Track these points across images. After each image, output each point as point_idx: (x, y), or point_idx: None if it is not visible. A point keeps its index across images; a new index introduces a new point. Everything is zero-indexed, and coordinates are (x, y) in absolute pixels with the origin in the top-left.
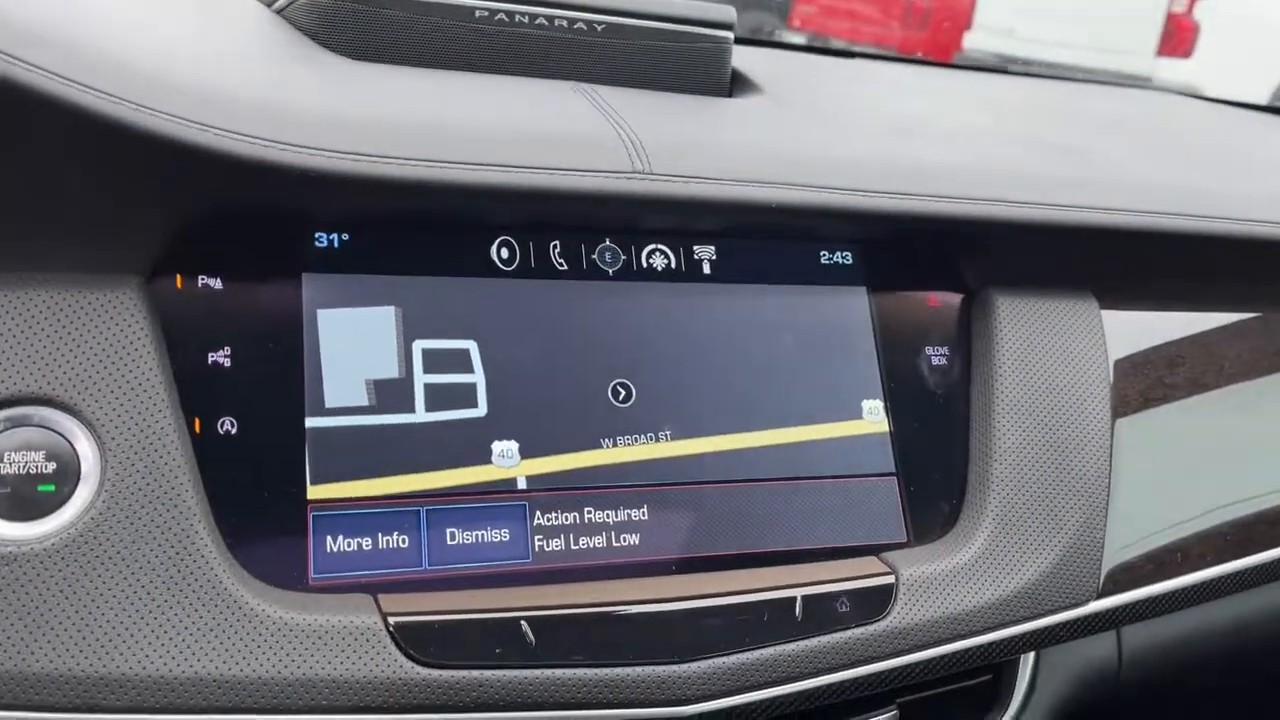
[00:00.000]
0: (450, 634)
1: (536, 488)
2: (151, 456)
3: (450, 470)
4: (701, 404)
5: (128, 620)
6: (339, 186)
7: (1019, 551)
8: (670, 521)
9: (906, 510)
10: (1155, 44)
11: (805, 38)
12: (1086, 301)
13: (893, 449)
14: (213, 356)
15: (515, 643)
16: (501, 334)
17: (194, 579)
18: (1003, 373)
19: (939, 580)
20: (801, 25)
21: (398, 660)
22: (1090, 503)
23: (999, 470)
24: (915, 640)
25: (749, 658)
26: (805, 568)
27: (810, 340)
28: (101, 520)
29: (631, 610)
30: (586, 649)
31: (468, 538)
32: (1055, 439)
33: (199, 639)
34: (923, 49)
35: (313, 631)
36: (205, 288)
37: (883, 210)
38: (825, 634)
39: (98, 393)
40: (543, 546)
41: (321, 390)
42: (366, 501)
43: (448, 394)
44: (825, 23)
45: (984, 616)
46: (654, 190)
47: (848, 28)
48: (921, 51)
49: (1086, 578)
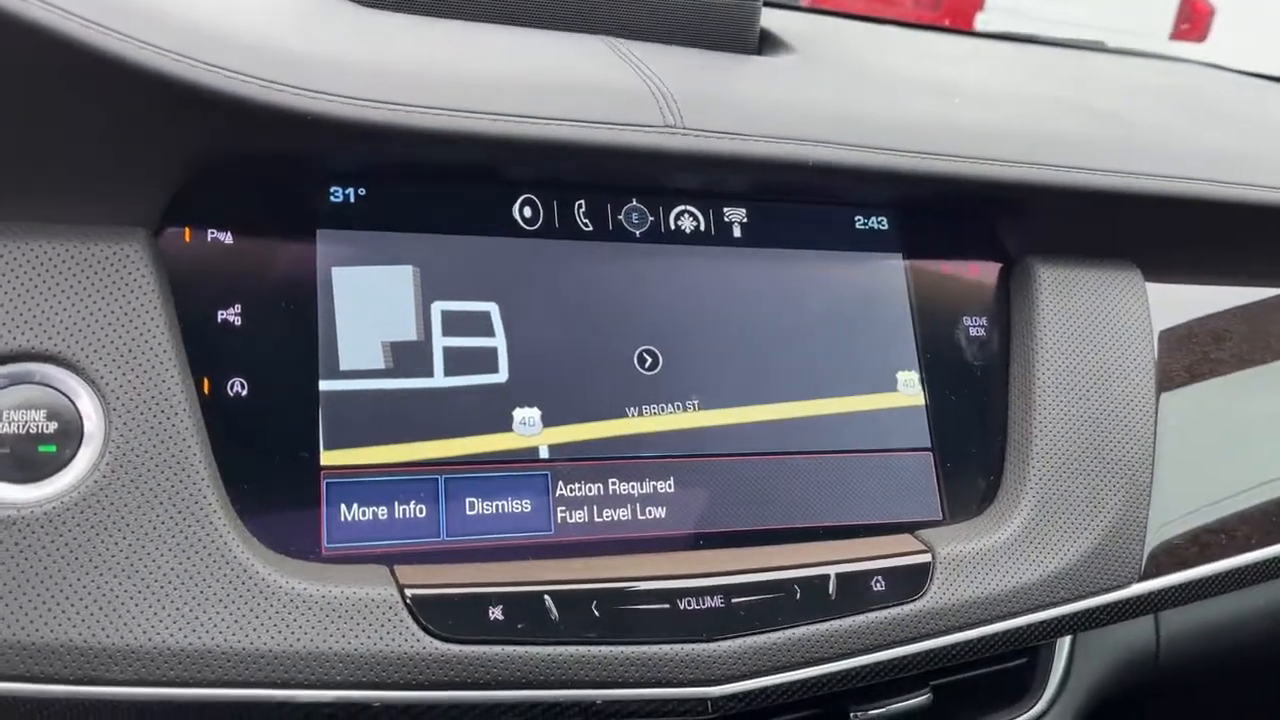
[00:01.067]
0: (470, 607)
1: (559, 457)
2: (158, 417)
3: (469, 438)
4: (731, 373)
5: (132, 589)
6: (357, 135)
7: (1059, 531)
8: (697, 495)
9: (943, 486)
10: (1170, 27)
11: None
12: (1130, 272)
13: (928, 423)
14: (222, 314)
15: (538, 617)
16: (524, 297)
17: (202, 546)
18: (1043, 345)
19: (977, 559)
20: (816, 2)
21: (415, 634)
22: (1133, 481)
23: (1039, 446)
24: (952, 621)
25: (780, 637)
26: (839, 544)
27: (844, 308)
28: (105, 483)
29: (658, 585)
30: (612, 625)
31: (488, 508)
32: (1097, 414)
33: (207, 609)
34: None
35: (326, 603)
36: (215, 242)
37: (923, 171)
38: (859, 614)
39: (102, 349)
40: (565, 518)
41: (336, 352)
42: (382, 469)
43: (467, 358)
44: (840, 1)
45: (1023, 598)
46: (687, 146)
47: (863, 4)
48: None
49: (1129, 559)
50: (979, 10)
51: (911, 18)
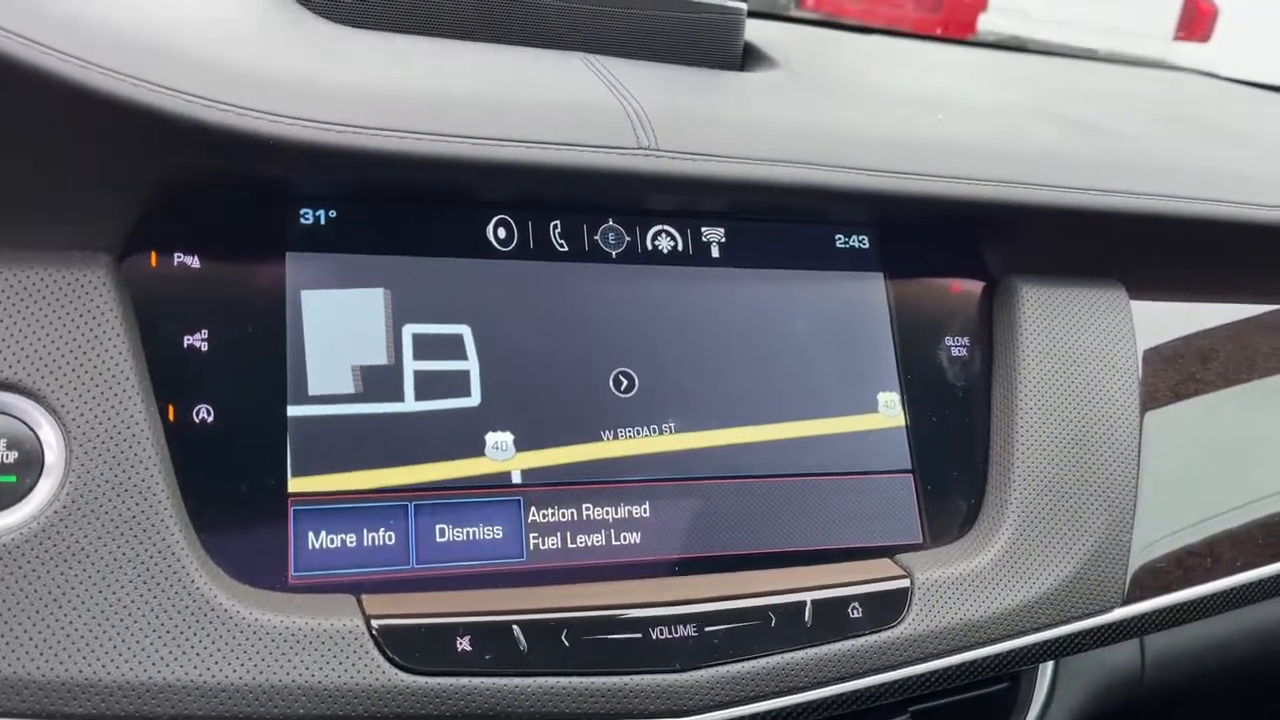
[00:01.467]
0: (437, 638)
1: (532, 482)
2: (120, 446)
3: (441, 463)
4: (708, 395)
5: (92, 622)
6: (326, 160)
7: (1041, 554)
8: (673, 519)
9: (923, 509)
10: (1173, 27)
11: (818, 19)
12: (1115, 291)
13: (909, 444)
14: (188, 340)
15: (506, 648)
16: (497, 319)
17: (164, 577)
18: (1026, 365)
19: (956, 584)
20: (815, 6)
21: (380, 666)
22: (1116, 504)
23: (1021, 468)
24: (931, 648)
25: (755, 666)
26: (815, 569)
27: (823, 328)
28: (66, 514)
29: (630, 614)
30: (582, 655)
31: (458, 535)
32: (1080, 436)
33: (169, 642)
34: (937, 30)
35: (290, 634)
36: (181, 266)
37: (902, 191)
38: (836, 641)
39: (63, 378)
40: (538, 545)
41: (305, 376)
42: (351, 495)
43: (439, 382)
44: (838, 3)
45: (1003, 623)
46: (660, 168)
47: (861, 8)
48: (936, 32)
49: (1112, 583)
50: (982, 11)
51: (913, 19)
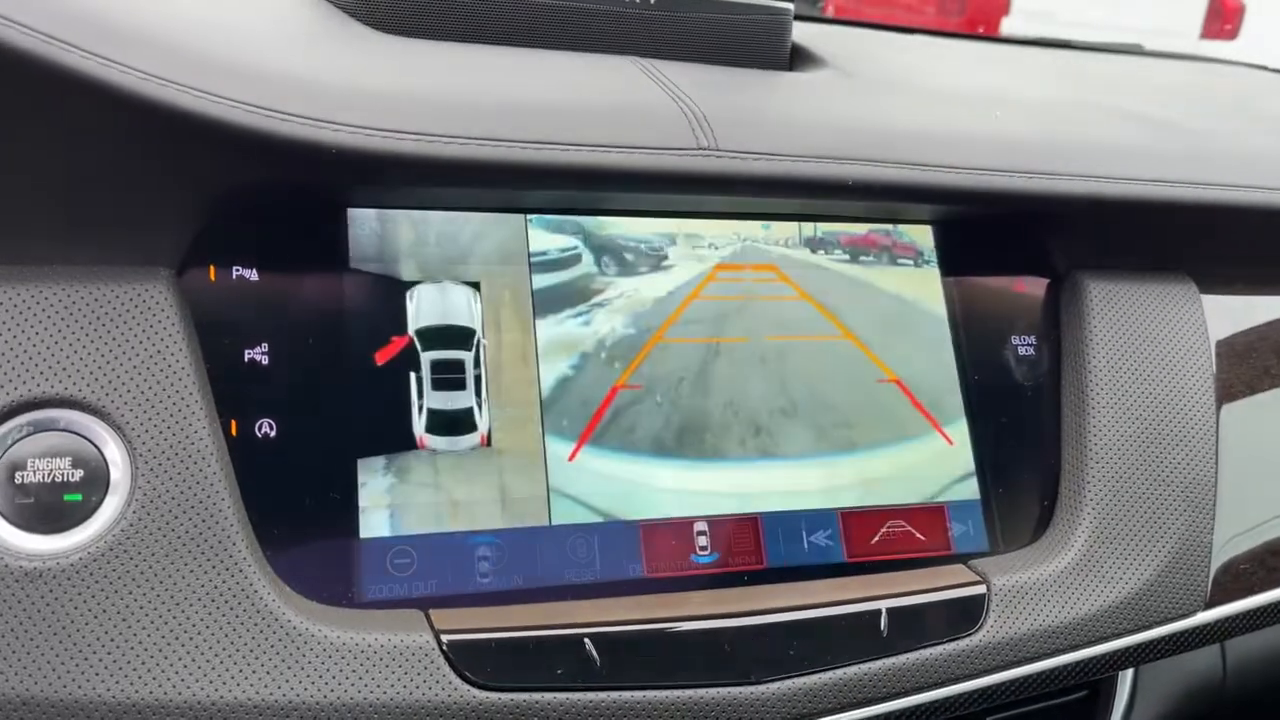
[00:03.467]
0: (508, 653)
1: None
2: (185, 463)
3: None
4: (772, 426)
5: (162, 641)
6: (391, 168)
7: (1119, 558)
8: (740, 531)
9: (994, 514)
10: (1200, 26)
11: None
12: (1184, 285)
13: (976, 449)
14: (249, 353)
15: (578, 662)
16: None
17: (232, 595)
18: (1096, 363)
19: (1034, 590)
20: (836, 14)
21: (452, 682)
22: (1195, 503)
23: (1095, 469)
24: (1009, 656)
25: (830, 677)
26: (889, 576)
27: (886, 335)
28: (132, 532)
29: (703, 625)
30: (655, 668)
31: (529, 557)
32: (1155, 435)
33: (239, 661)
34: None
35: (360, 651)
36: (240, 279)
37: (967, 187)
38: (913, 651)
39: (126, 394)
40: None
41: None
42: (419, 510)
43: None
44: (859, 9)
45: (1083, 629)
46: (721, 168)
47: (882, 14)
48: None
49: (1193, 586)
50: (1005, 15)
51: (935, 25)
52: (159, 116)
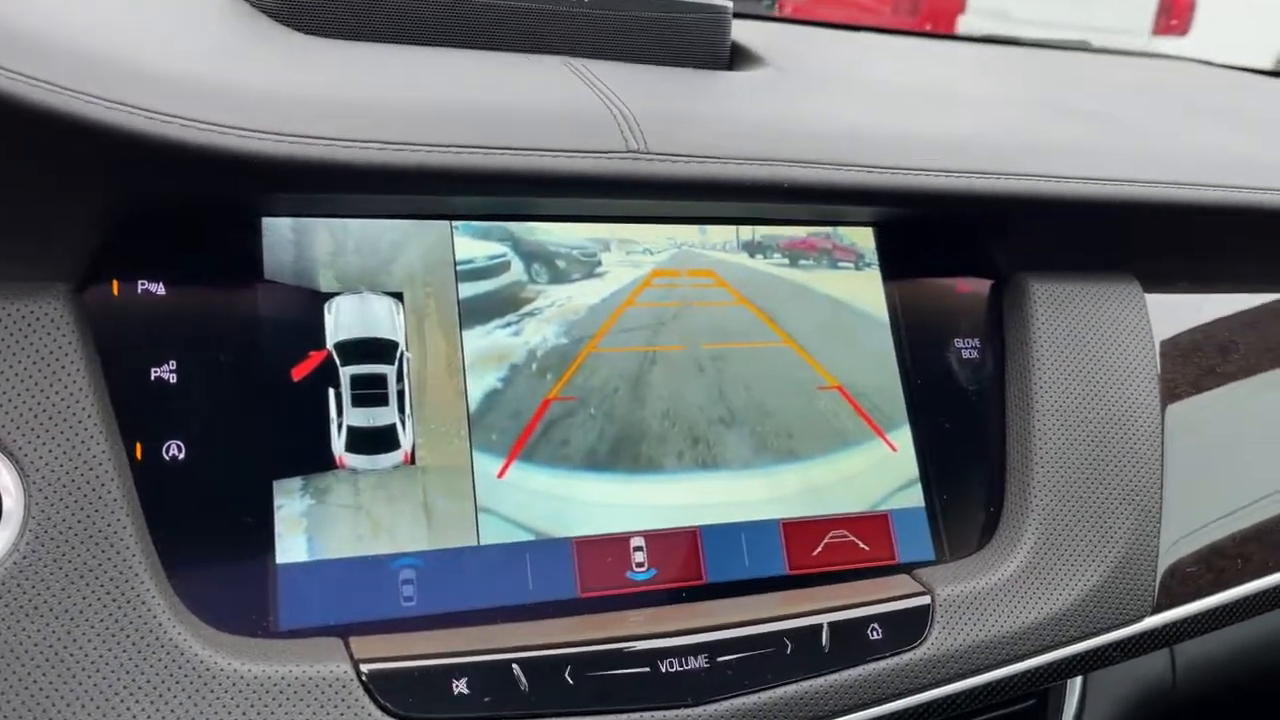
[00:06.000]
0: (431, 682)
1: None
2: (83, 490)
3: None
4: (707, 437)
5: (59, 681)
6: (302, 175)
7: (1066, 565)
8: (678, 545)
9: (938, 522)
10: (1151, 22)
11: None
12: (1129, 285)
13: (920, 453)
14: (155, 372)
15: (506, 689)
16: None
17: (135, 630)
18: (1041, 365)
19: (979, 599)
20: (793, 12)
21: (371, 714)
22: (1142, 507)
23: (1040, 474)
24: (955, 668)
25: (771, 696)
26: (830, 589)
27: (824, 334)
28: (25, 565)
29: (637, 646)
30: (587, 693)
31: (454, 577)
32: (1101, 438)
33: (143, 700)
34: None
35: (273, 685)
36: (146, 293)
37: (905, 187)
38: (856, 666)
39: (19, 419)
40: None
41: None
42: (337, 539)
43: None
44: (813, 9)
45: (1030, 638)
46: (651, 172)
47: (839, 14)
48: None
49: (1141, 590)
50: (960, 13)
51: (890, 24)
52: (51, 123)
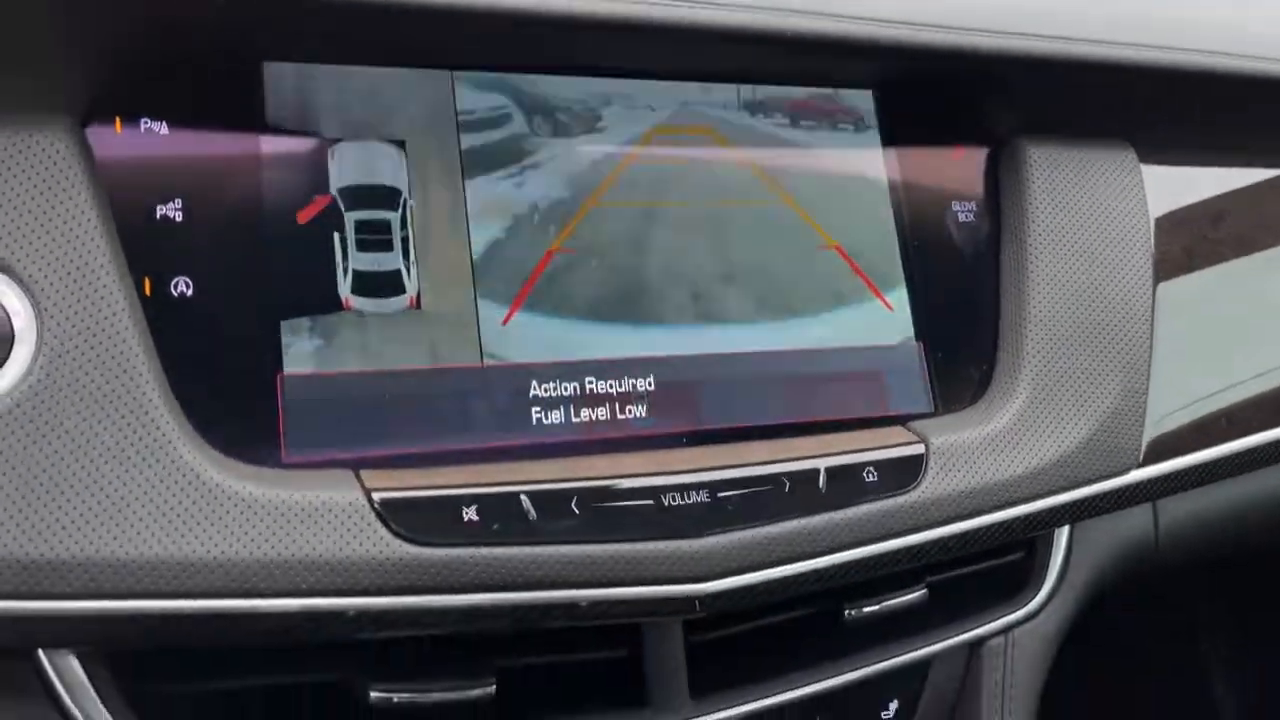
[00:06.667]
0: (441, 509)
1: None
2: (95, 318)
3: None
4: (713, 268)
5: (76, 499)
6: (303, 15)
7: (1056, 418)
8: (678, 393)
9: (933, 378)
10: None
11: None
12: (1124, 152)
13: (916, 313)
14: (161, 210)
15: (514, 518)
16: (490, 187)
17: (149, 451)
18: (1036, 228)
19: (972, 449)
20: None
21: (384, 538)
22: (1131, 365)
23: (1033, 332)
24: (947, 512)
25: (770, 531)
26: (828, 438)
27: (825, 196)
28: (42, 388)
29: (641, 483)
30: (593, 524)
31: (458, 410)
32: (1093, 297)
33: (159, 519)
34: None
35: (287, 509)
36: (149, 132)
37: (907, 43)
38: (852, 506)
39: (29, 247)
40: (540, 419)
41: None
42: (345, 373)
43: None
44: None
45: (1020, 486)
46: (661, 16)
47: None
48: None
49: (1128, 445)
50: None
51: None
52: None
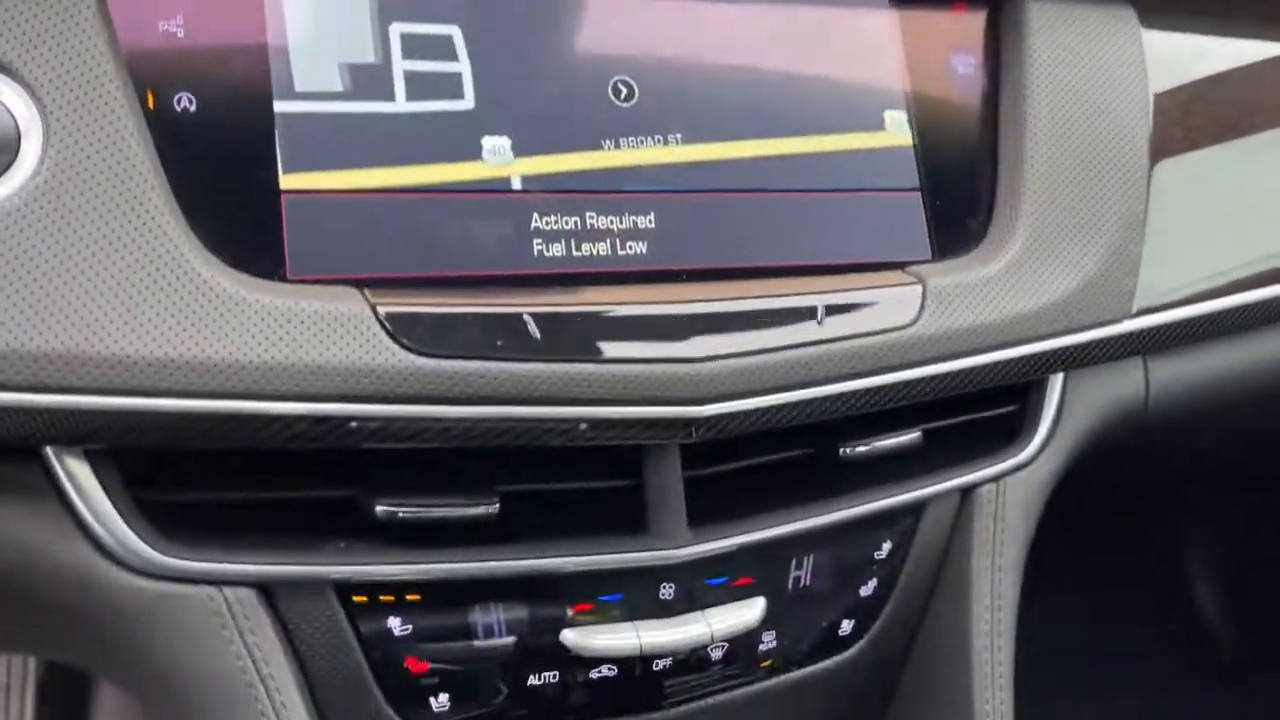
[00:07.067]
0: (446, 324)
1: (533, 188)
2: (100, 125)
3: (437, 165)
4: (713, 106)
5: (85, 295)
6: None
7: (1052, 264)
8: (680, 230)
9: (931, 226)
10: None
11: None
12: (1124, 11)
13: (916, 162)
14: (164, 25)
15: (518, 336)
16: (488, 20)
17: (157, 255)
18: (1035, 81)
19: (968, 290)
20: None
21: (389, 348)
22: (1127, 218)
23: (1031, 182)
24: (942, 349)
25: (769, 359)
26: (827, 279)
27: (829, 46)
28: (49, 186)
29: (642, 310)
30: (594, 346)
31: (460, 238)
32: (1091, 148)
33: (168, 318)
34: None
35: (293, 316)
36: None
37: None
38: (849, 340)
39: (33, 50)
40: (542, 251)
41: (289, 71)
42: (346, 193)
43: (430, 83)
44: None
45: (1015, 328)
46: None
47: None
48: None
49: (1121, 294)
50: None
51: None
52: None
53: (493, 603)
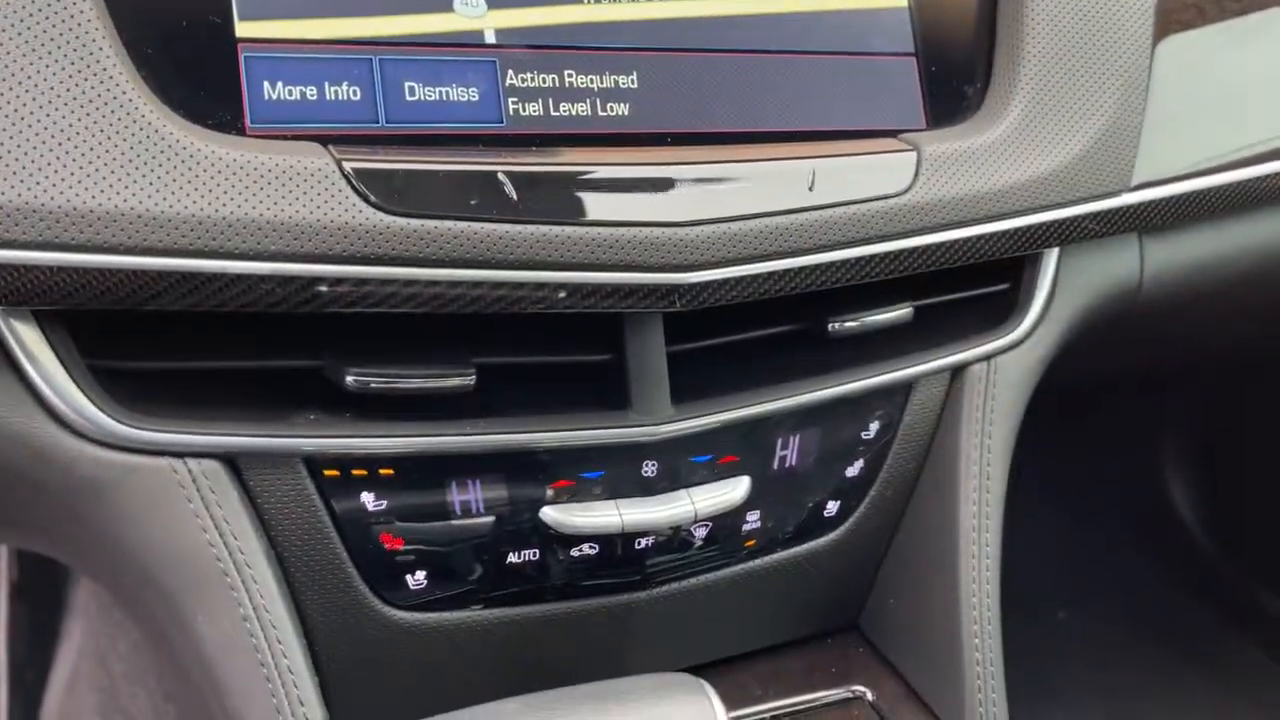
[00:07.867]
0: (416, 182)
1: (508, 43)
2: None
3: (405, 16)
4: None
5: (25, 143)
6: None
7: (1050, 132)
8: (664, 91)
9: (926, 93)
10: None
11: None
12: None
13: (911, 25)
14: None
15: (493, 195)
16: None
17: (104, 103)
18: None
19: (963, 158)
20: None
21: (356, 205)
22: (1128, 88)
23: (1031, 48)
24: (937, 218)
25: (757, 225)
26: (819, 144)
27: None
28: None
29: (626, 172)
30: (574, 207)
31: (430, 94)
32: (1093, 19)
33: (117, 169)
34: None
35: (253, 169)
36: None
37: None
38: (841, 206)
39: None
40: (518, 110)
41: None
42: (308, 45)
43: None
44: None
45: (1011, 198)
46: None
47: None
48: None
49: (1120, 167)
50: None
51: None
52: None
53: (470, 479)
